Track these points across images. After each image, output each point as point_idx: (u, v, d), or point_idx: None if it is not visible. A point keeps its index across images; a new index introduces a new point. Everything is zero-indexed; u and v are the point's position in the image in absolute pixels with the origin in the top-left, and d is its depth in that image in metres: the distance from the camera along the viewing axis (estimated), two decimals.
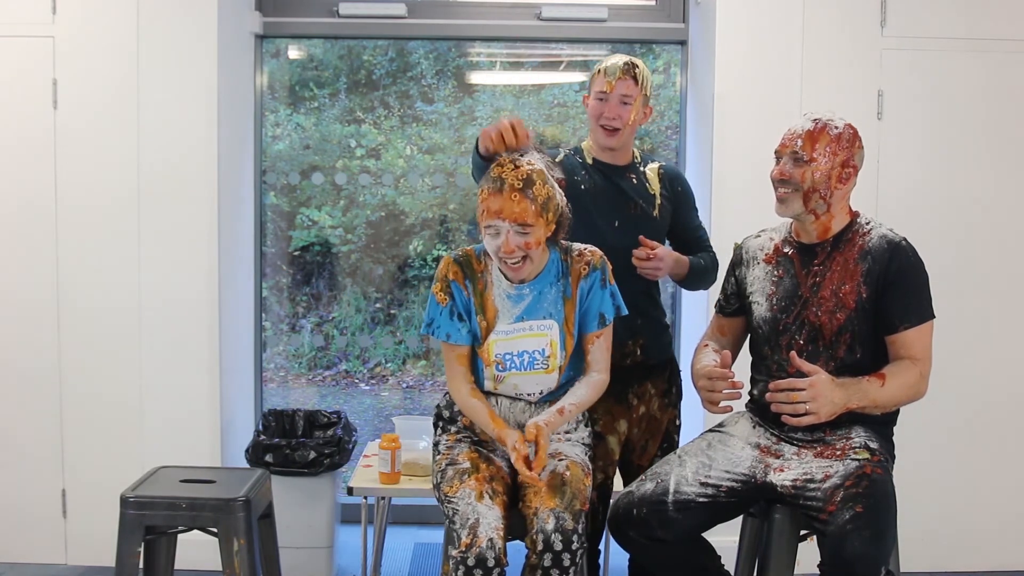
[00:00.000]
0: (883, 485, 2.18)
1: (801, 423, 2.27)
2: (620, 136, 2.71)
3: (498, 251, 2.30)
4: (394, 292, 4.28)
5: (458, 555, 2.13)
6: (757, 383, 2.50)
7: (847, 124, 2.38)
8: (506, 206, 2.24)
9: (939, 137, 3.48)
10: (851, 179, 2.37)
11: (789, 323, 2.39)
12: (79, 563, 3.49)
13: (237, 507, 2.45)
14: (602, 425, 2.76)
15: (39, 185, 3.41)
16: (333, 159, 4.17)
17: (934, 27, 3.44)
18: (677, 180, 2.84)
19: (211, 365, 3.45)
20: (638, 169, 2.80)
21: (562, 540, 2.15)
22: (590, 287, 2.42)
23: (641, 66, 2.70)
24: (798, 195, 2.35)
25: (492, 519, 2.18)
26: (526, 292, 2.41)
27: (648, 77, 2.72)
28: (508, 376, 2.42)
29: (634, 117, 2.69)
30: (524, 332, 2.39)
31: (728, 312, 2.59)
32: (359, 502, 3.05)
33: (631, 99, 2.67)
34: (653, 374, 2.80)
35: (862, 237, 2.37)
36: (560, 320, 2.41)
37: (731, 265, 2.59)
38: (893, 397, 2.29)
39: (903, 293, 2.30)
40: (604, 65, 2.71)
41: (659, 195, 2.78)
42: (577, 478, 2.29)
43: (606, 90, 2.68)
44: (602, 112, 2.69)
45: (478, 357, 2.45)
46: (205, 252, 3.43)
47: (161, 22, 3.37)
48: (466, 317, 2.42)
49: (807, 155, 2.34)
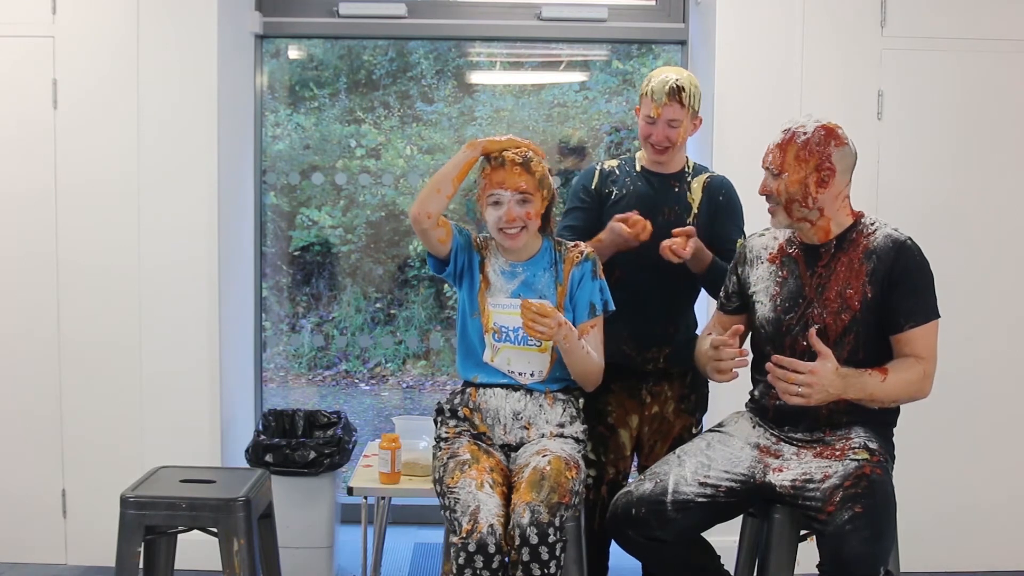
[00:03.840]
0: (882, 485, 2.18)
1: (789, 402, 2.26)
2: (670, 152, 2.76)
3: (499, 221, 2.49)
4: (394, 292, 4.28)
5: (459, 541, 2.16)
6: (758, 383, 2.49)
7: (819, 126, 2.33)
8: (508, 178, 2.47)
9: (939, 137, 3.48)
10: (831, 181, 2.32)
11: (793, 324, 2.38)
12: (79, 563, 3.49)
13: (237, 507, 2.45)
14: (615, 418, 2.78)
15: (39, 185, 3.41)
16: (333, 159, 4.17)
17: (934, 27, 3.44)
18: (719, 190, 2.82)
19: (211, 365, 3.45)
20: (685, 179, 2.82)
21: (538, 533, 2.17)
22: (582, 275, 2.55)
23: (688, 87, 2.70)
24: (781, 208, 2.36)
25: (493, 506, 2.21)
26: (519, 270, 2.54)
27: (695, 93, 2.73)
28: (503, 348, 2.49)
29: (683, 134, 2.73)
30: (517, 308, 2.45)
31: (729, 310, 2.59)
32: (359, 502, 3.05)
33: (678, 122, 2.70)
34: (672, 377, 2.81)
35: (867, 237, 2.36)
36: (553, 303, 2.51)
37: (734, 263, 2.58)
38: (893, 393, 2.28)
39: (908, 292, 2.29)
40: (651, 86, 2.72)
41: (697, 204, 2.79)
42: (558, 471, 2.30)
43: (653, 115, 2.71)
44: (651, 133, 2.73)
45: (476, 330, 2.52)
46: (205, 252, 3.43)
47: (161, 22, 3.37)
48: (465, 251, 2.55)
49: (776, 168, 2.35)
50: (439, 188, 2.45)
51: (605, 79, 4.18)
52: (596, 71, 4.18)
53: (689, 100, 2.70)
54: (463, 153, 2.48)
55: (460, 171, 2.47)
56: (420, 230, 2.48)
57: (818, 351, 2.25)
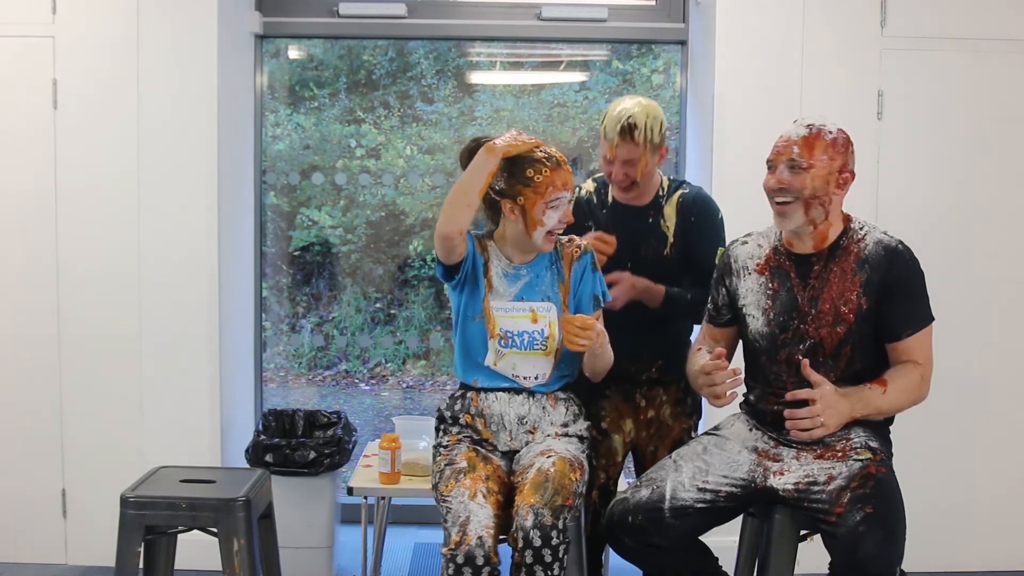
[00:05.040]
0: (889, 484, 2.17)
1: (813, 436, 2.25)
2: (636, 189, 2.71)
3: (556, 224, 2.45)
4: (394, 292, 4.28)
5: (448, 552, 2.15)
6: (752, 389, 2.48)
7: (839, 129, 2.33)
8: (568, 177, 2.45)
9: (939, 137, 3.48)
10: (848, 184, 2.33)
11: (788, 338, 2.35)
12: (79, 563, 3.49)
13: (237, 507, 2.45)
14: (608, 423, 2.77)
15: (39, 185, 3.41)
16: (333, 159, 4.17)
17: (934, 27, 3.44)
18: (692, 209, 2.74)
19: (211, 365, 3.45)
20: (660, 205, 2.75)
21: (541, 536, 2.16)
22: (583, 270, 2.55)
23: (640, 123, 2.60)
24: (799, 204, 2.29)
25: (483, 517, 2.20)
26: (523, 272, 2.51)
27: (652, 126, 2.62)
28: (509, 353, 2.47)
29: (643, 170, 2.66)
30: (523, 312, 2.46)
31: (720, 323, 2.53)
32: (359, 502, 3.05)
33: (635, 160, 2.64)
34: (667, 382, 2.79)
35: (857, 244, 2.33)
36: (557, 303, 2.50)
37: (719, 275, 2.52)
38: (896, 402, 2.28)
39: (904, 300, 2.28)
40: (605, 124, 2.66)
41: (672, 232, 2.73)
42: (562, 473, 2.28)
43: (608, 156, 2.67)
44: (610, 172, 2.70)
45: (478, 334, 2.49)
46: (205, 252, 3.43)
47: (161, 22, 3.37)
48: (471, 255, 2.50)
49: (806, 161, 2.28)
50: (468, 203, 2.34)
51: (605, 79, 4.18)
52: (596, 71, 4.18)
53: (644, 136, 2.60)
54: (485, 160, 2.34)
55: (486, 181, 2.35)
56: (449, 247, 2.38)
57: (813, 382, 2.24)
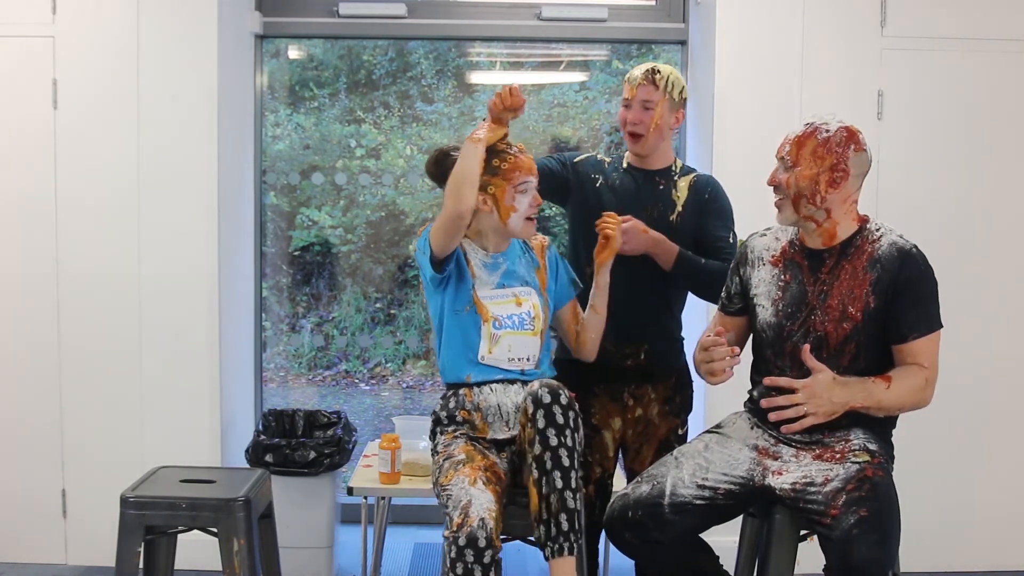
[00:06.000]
0: (885, 487, 2.17)
1: (803, 426, 2.26)
2: (645, 141, 2.73)
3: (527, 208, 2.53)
4: (394, 292, 4.28)
5: (449, 535, 2.15)
6: (757, 384, 2.48)
7: (842, 127, 2.32)
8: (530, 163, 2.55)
9: (939, 137, 3.48)
10: (843, 183, 2.30)
11: (794, 330, 2.36)
12: (79, 563, 3.49)
13: (237, 507, 2.45)
14: (598, 419, 2.78)
15: (39, 185, 3.41)
16: (333, 159, 4.17)
17: (934, 27, 3.44)
18: (705, 188, 2.79)
19: (211, 365, 3.45)
20: (671, 177, 2.80)
21: (549, 393, 2.23)
22: (555, 257, 2.67)
23: (664, 71, 2.71)
24: (788, 201, 2.34)
25: (485, 501, 2.21)
26: (500, 260, 2.57)
27: (674, 81, 2.71)
28: (504, 334, 2.50)
29: (657, 121, 2.70)
30: (507, 298, 2.52)
31: (731, 311, 2.56)
32: (359, 502, 3.05)
33: (652, 103, 2.69)
34: (655, 379, 2.79)
35: (871, 244, 2.33)
36: (536, 287, 2.59)
37: (736, 264, 2.55)
38: (898, 400, 2.28)
39: (913, 303, 2.28)
40: (629, 73, 2.76)
41: (682, 203, 2.77)
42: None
43: (628, 96, 2.73)
44: (626, 118, 2.74)
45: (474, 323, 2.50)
46: (205, 252, 3.43)
47: (161, 22, 3.37)
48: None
49: (791, 160, 2.33)
50: (471, 182, 2.39)
51: (605, 79, 4.18)
52: (596, 71, 4.18)
53: (665, 84, 2.69)
54: (473, 149, 2.41)
55: (480, 165, 2.42)
56: (460, 226, 2.40)
57: (811, 368, 2.25)
